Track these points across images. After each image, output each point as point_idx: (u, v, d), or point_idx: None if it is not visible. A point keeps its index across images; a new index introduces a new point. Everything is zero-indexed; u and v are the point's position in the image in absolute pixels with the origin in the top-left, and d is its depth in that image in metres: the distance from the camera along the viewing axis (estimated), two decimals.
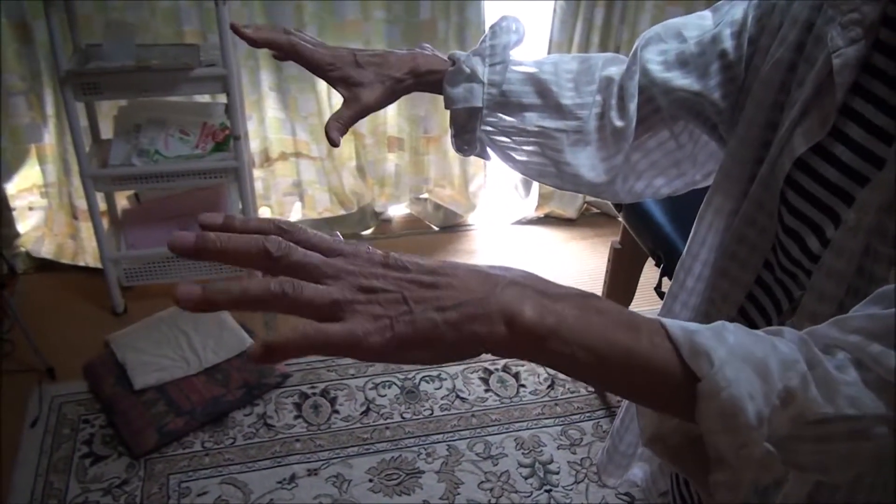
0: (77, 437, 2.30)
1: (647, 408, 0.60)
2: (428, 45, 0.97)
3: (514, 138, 0.94)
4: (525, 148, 0.94)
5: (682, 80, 0.88)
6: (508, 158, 0.96)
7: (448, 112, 0.95)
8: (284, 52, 0.91)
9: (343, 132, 0.91)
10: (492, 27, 0.94)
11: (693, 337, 0.54)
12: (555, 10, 2.91)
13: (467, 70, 0.92)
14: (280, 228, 0.53)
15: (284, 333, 0.49)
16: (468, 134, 0.94)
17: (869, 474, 0.57)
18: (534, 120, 0.93)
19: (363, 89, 0.91)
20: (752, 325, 0.85)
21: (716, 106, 0.87)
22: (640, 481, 1.20)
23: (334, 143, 0.91)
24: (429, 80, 0.93)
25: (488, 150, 0.96)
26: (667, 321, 0.55)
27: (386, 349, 0.50)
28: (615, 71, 0.93)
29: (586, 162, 0.93)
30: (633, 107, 0.89)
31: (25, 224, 2.92)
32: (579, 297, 0.55)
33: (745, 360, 0.53)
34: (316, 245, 0.53)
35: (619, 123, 0.91)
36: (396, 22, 2.78)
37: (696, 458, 0.57)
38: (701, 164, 0.98)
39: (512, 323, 0.52)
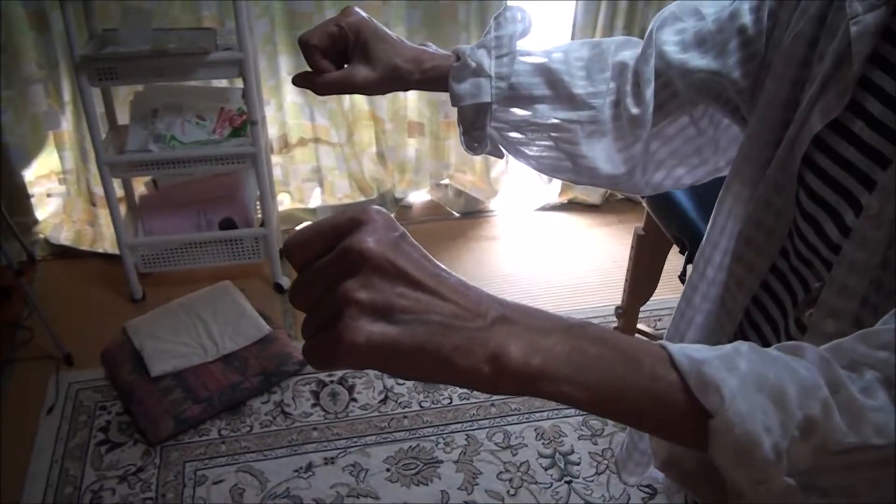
0: (93, 423, 2.29)
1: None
2: (431, 45, 0.92)
3: (526, 133, 0.89)
4: (538, 143, 0.90)
5: (699, 61, 0.83)
6: (521, 155, 0.91)
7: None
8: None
9: (308, 87, 0.88)
10: (495, 18, 0.88)
11: (701, 367, 0.50)
12: None
13: (473, 64, 0.87)
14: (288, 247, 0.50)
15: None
16: (477, 131, 0.90)
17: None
18: (546, 112, 0.88)
19: (364, 67, 0.87)
20: (766, 315, 0.82)
21: (736, 85, 0.82)
22: (661, 479, 1.16)
23: (296, 81, 0.88)
24: (432, 77, 0.88)
25: (500, 147, 0.92)
26: (672, 348, 0.51)
27: (363, 355, 0.46)
28: (629, 55, 0.88)
29: (602, 154, 0.88)
30: (649, 92, 0.84)
31: (44, 211, 2.92)
32: (572, 329, 0.50)
33: (760, 387, 0.50)
34: (321, 244, 0.49)
35: (635, 111, 0.86)
36: (416, 4, 2.74)
37: (712, 485, 0.53)
38: (723, 151, 0.93)
39: (496, 363, 0.47)
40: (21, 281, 2.41)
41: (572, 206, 3.33)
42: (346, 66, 0.89)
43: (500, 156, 0.93)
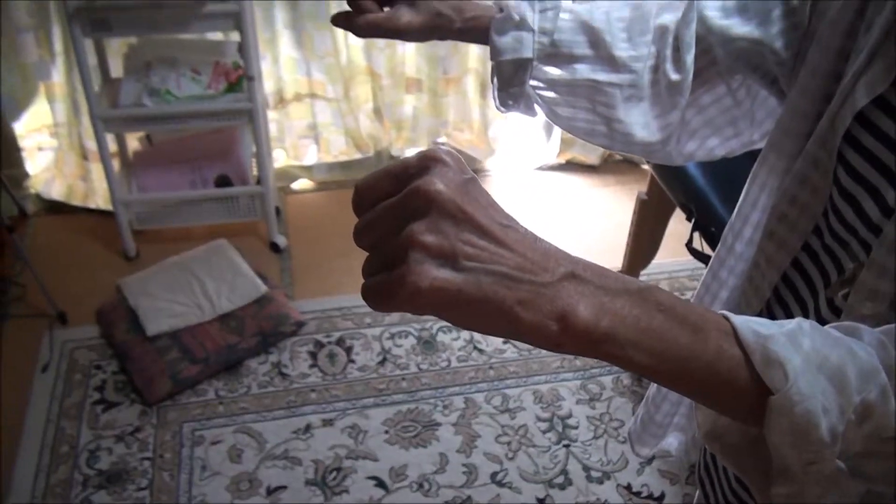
0: (89, 383, 2.27)
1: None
2: None
3: (562, 94, 0.86)
4: (574, 105, 0.86)
5: (741, 28, 0.80)
6: (554, 115, 0.88)
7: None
8: None
9: (349, 28, 0.84)
10: None
11: (766, 343, 0.49)
12: None
13: (516, 17, 0.84)
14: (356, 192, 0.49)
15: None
16: (515, 88, 0.86)
17: None
18: (585, 73, 0.85)
19: (408, 10, 0.83)
20: (795, 294, 0.80)
21: (777, 55, 0.79)
22: (674, 451, 1.15)
23: (335, 20, 0.85)
24: (473, 27, 0.85)
25: (535, 106, 0.89)
26: (736, 321, 0.50)
27: (425, 299, 0.45)
28: (670, 19, 0.84)
29: (639, 119, 0.85)
30: (689, 58, 0.81)
31: (35, 165, 2.86)
32: (640, 292, 0.49)
33: (821, 368, 0.49)
34: (388, 187, 0.48)
35: (674, 77, 0.83)
36: None
37: (756, 461, 0.53)
38: (759, 123, 0.90)
39: (564, 321, 0.47)
40: (13, 236, 2.37)
41: (570, 166, 3.29)
42: (385, 8, 0.86)
43: (534, 114, 0.90)
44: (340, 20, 0.86)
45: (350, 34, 0.88)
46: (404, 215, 0.46)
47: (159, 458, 2.08)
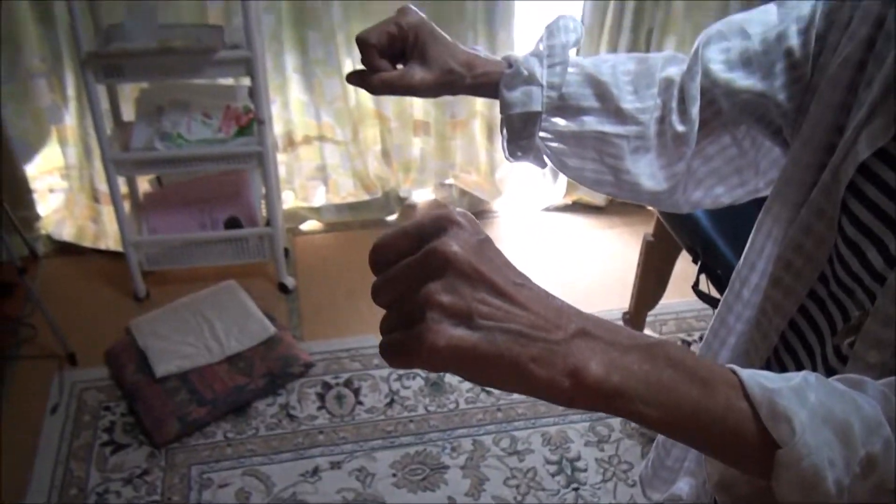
0: (98, 424, 2.27)
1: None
2: (481, 48, 0.92)
3: (569, 145, 0.88)
4: (581, 155, 0.89)
5: (745, 81, 0.82)
6: (563, 165, 0.90)
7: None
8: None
9: (363, 86, 0.87)
10: (548, 27, 0.88)
11: (773, 397, 0.50)
12: None
13: (525, 72, 0.86)
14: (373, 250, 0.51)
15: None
16: (524, 140, 0.89)
17: None
18: (593, 125, 0.87)
19: (421, 68, 0.86)
20: (803, 340, 0.81)
21: (780, 108, 0.81)
22: (685, 495, 1.15)
23: (350, 79, 0.88)
24: (483, 82, 0.88)
25: (543, 157, 0.91)
26: (744, 374, 0.52)
27: (442, 357, 0.47)
28: (675, 71, 0.87)
29: (646, 170, 0.87)
30: (695, 110, 0.83)
31: (46, 206, 2.89)
32: (650, 348, 0.51)
33: (826, 421, 0.50)
34: (406, 248, 0.50)
35: (680, 128, 0.85)
36: (423, 4, 2.71)
37: None
38: (763, 173, 0.92)
39: (575, 377, 0.48)
40: (24, 277, 2.38)
41: (577, 207, 3.31)
42: (398, 66, 0.88)
43: (543, 165, 0.92)
44: (355, 78, 0.88)
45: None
46: (421, 275, 0.47)
47: (167, 500, 2.07)
